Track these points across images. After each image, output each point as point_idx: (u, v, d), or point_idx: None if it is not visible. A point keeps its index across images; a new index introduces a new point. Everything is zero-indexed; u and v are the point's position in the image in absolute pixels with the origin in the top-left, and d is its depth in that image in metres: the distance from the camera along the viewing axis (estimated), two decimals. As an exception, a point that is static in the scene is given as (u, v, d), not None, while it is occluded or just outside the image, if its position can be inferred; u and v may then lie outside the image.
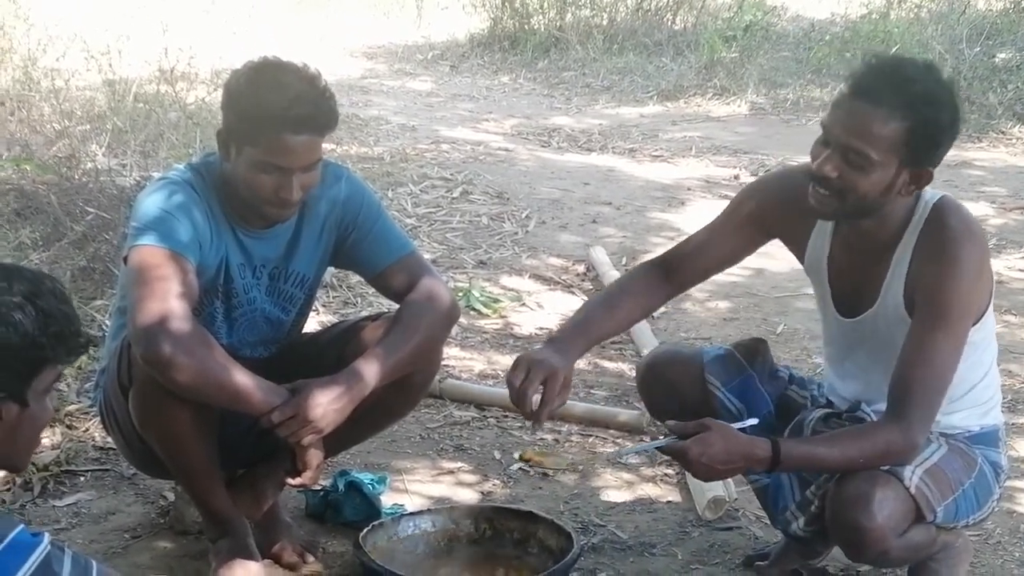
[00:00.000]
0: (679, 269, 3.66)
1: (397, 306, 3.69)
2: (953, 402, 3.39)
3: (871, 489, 3.22)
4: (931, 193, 3.36)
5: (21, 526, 2.34)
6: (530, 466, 4.45)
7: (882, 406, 3.38)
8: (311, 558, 3.79)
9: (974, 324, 3.33)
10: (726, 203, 3.72)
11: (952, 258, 3.23)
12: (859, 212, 3.30)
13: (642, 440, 4.75)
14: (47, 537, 2.35)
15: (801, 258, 3.60)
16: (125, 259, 3.44)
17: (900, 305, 3.34)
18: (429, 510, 3.88)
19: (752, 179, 9.01)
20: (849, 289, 3.48)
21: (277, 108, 3.32)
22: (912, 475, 3.27)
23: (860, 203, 3.25)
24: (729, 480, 4.13)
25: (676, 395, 3.71)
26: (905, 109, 3.15)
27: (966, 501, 3.40)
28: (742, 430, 3.31)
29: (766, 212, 3.59)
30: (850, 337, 3.54)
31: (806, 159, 3.33)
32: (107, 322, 4.72)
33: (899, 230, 3.34)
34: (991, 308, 3.44)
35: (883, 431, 3.27)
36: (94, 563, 2.43)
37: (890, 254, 3.35)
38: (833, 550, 3.76)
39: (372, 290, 5.14)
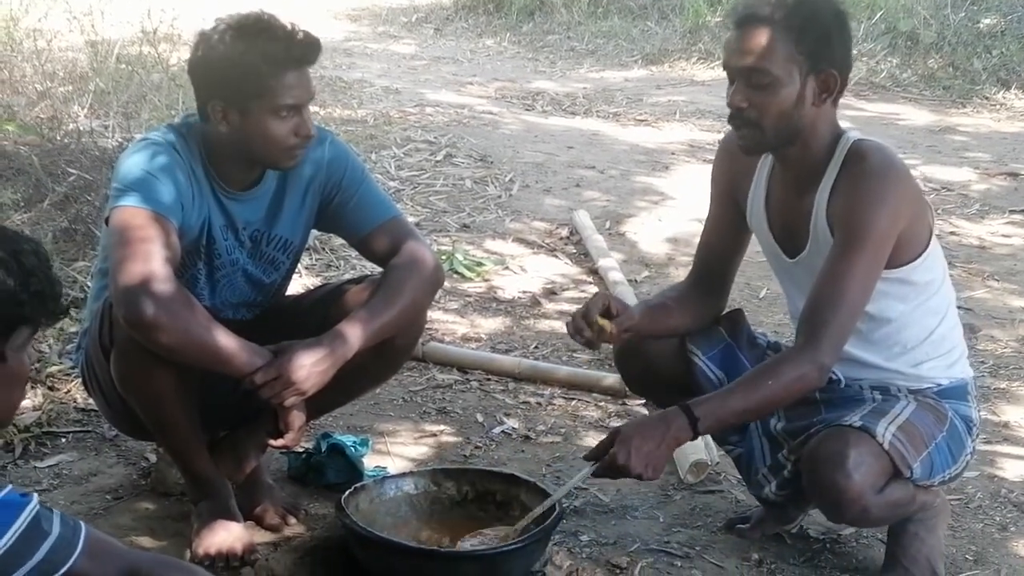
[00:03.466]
0: (710, 276, 3.72)
1: (381, 269, 3.69)
2: (913, 350, 3.44)
3: (845, 448, 3.24)
4: (854, 133, 3.40)
5: (9, 486, 2.38)
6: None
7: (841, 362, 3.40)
8: (293, 520, 3.79)
9: (913, 260, 3.37)
10: (710, 168, 3.73)
11: (867, 188, 3.26)
12: (781, 136, 3.34)
13: (624, 404, 4.76)
14: (36, 497, 2.38)
15: (746, 213, 3.62)
16: (107, 220, 3.43)
17: (828, 240, 3.36)
18: (411, 472, 3.87)
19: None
20: (786, 229, 3.51)
21: (275, 50, 3.37)
22: (885, 432, 3.29)
23: (778, 126, 3.30)
24: (711, 443, 4.15)
25: (654, 367, 3.72)
26: (784, 17, 3.24)
27: (940, 455, 3.41)
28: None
29: (722, 180, 3.67)
30: (798, 281, 3.55)
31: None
32: (89, 283, 4.70)
33: (821, 164, 3.37)
34: (935, 251, 3.45)
35: (790, 363, 3.30)
36: (83, 524, 2.45)
37: (814, 189, 3.38)
38: (809, 515, 3.78)
39: (355, 253, 5.15)
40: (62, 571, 2.41)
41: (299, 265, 4.04)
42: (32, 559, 2.37)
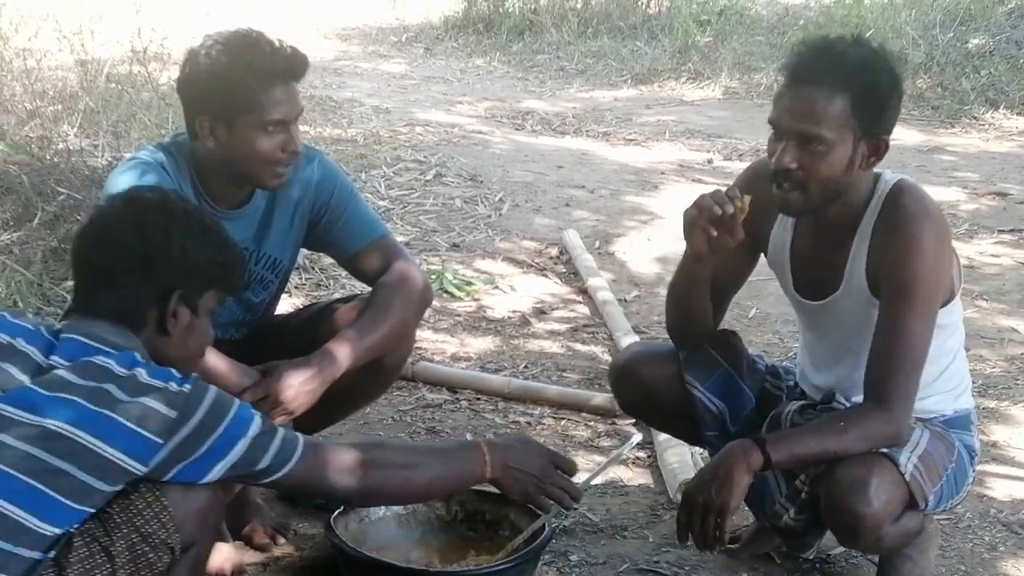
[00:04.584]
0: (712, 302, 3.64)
1: (370, 289, 3.69)
2: (923, 388, 3.36)
3: (868, 475, 3.21)
4: (890, 175, 3.37)
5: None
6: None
7: (857, 396, 3.38)
8: (282, 540, 3.78)
9: (943, 307, 3.34)
10: (699, 187, 3.71)
11: (910, 236, 3.23)
12: (827, 198, 3.29)
13: (613, 423, 4.76)
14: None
15: (764, 250, 3.60)
16: (96, 240, 3.42)
17: (864, 286, 3.34)
18: (401, 492, 3.86)
19: (725, 163, 9.07)
20: (813, 275, 3.48)
21: (262, 66, 3.37)
22: (907, 462, 3.27)
23: (825, 188, 3.25)
24: (700, 463, 4.14)
25: (652, 396, 3.69)
26: (844, 82, 3.18)
27: (948, 486, 3.41)
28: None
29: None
30: (820, 322, 3.53)
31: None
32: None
33: (859, 212, 3.34)
34: (958, 295, 3.44)
35: (868, 419, 3.25)
36: (300, 439, 2.83)
37: (851, 237, 3.35)
38: (822, 540, 3.77)
39: (344, 272, 5.15)
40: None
41: (288, 284, 4.03)
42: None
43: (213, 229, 2.89)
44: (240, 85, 3.37)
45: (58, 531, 2.55)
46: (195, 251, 2.81)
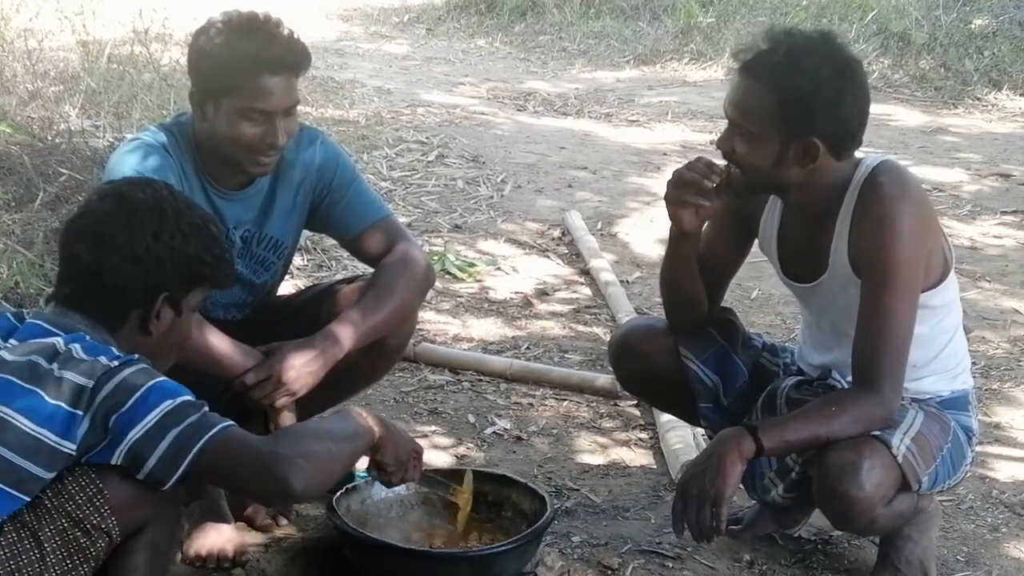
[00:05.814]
0: (706, 286, 3.65)
1: (372, 270, 3.69)
2: (919, 368, 3.39)
3: (859, 458, 3.21)
4: (872, 158, 3.37)
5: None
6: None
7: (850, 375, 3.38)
8: (284, 521, 3.78)
9: (932, 288, 3.35)
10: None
11: (886, 219, 3.22)
12: (764, 187, 3.36)
13: (615, 404, 4.76)
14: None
15: (756, 233, 3.61)
16: (97, 220, 3.42)
17: (847, 268, 3.34)
18: (403, 473, 3.87)
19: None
20: (800, 258, 3.48)
21: (253, 51, 3.34)
22: (900, 444, 3.26)
23: (756, 175, 3.29)
24: (702, 444, 4.14)
25: (650, 369, 3.71)
26: (772, 80, 3.19)
27: (944, 467, 3.40)
28: None
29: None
30: (813, 304, 3.55)
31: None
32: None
33: (840, 196, 3.34)
34: (951, 274, 3.44)
35: (858, 403, 3.26)
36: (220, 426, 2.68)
37: (833, 220, 3.35)
38: (810, 517, 3.77)
39: (347, 254, 5.15)
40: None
41: (291, 266, 4.03)
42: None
43: (203, 226, 2.87)
44: (225, 65, 3.36)
45: None
46: (183, 251, 2.80)
